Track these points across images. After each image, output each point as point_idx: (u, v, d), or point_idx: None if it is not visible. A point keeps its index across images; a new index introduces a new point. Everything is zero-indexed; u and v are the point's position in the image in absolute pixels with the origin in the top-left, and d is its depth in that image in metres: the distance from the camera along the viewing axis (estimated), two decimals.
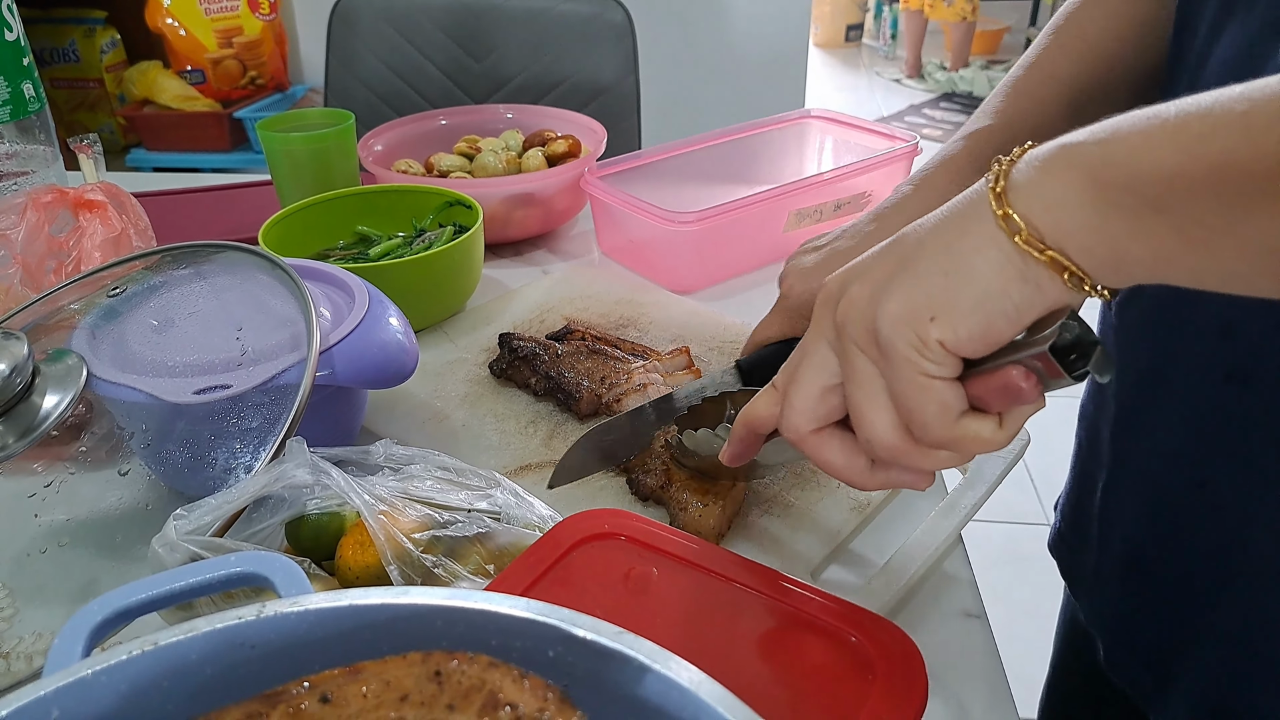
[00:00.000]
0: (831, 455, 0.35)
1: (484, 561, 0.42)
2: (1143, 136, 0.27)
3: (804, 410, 0.35)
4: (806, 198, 0.83)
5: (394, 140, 0.95)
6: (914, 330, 0.31)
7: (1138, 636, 0.52)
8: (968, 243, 0.30)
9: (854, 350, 0.33)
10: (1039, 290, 0.29)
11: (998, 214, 0.29)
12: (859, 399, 0.33)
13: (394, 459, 0.46)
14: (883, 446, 0.33)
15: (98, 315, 0.54)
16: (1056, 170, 0.29)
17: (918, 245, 0.32)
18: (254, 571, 0.32)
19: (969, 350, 0.31)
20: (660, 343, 0.70)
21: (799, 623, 0.36)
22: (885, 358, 0.32)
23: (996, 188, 0.30)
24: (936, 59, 4.47)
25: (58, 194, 0.68)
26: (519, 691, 0.25)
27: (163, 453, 0.48)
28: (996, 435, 0.32)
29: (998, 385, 0.31)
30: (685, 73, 1.97)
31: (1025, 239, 0.29)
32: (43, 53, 2.04)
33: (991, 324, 0.30)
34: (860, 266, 0.34)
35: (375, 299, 0.55)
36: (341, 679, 0.27)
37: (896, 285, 0.31)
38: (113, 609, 0.31)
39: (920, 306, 0.31)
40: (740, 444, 0.40)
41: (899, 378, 0.31)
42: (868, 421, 0.33)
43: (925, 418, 0.31)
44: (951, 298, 0.30)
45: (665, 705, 0.26)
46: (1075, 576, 0.59)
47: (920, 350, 0.31)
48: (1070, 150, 0.29)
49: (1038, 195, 0.29)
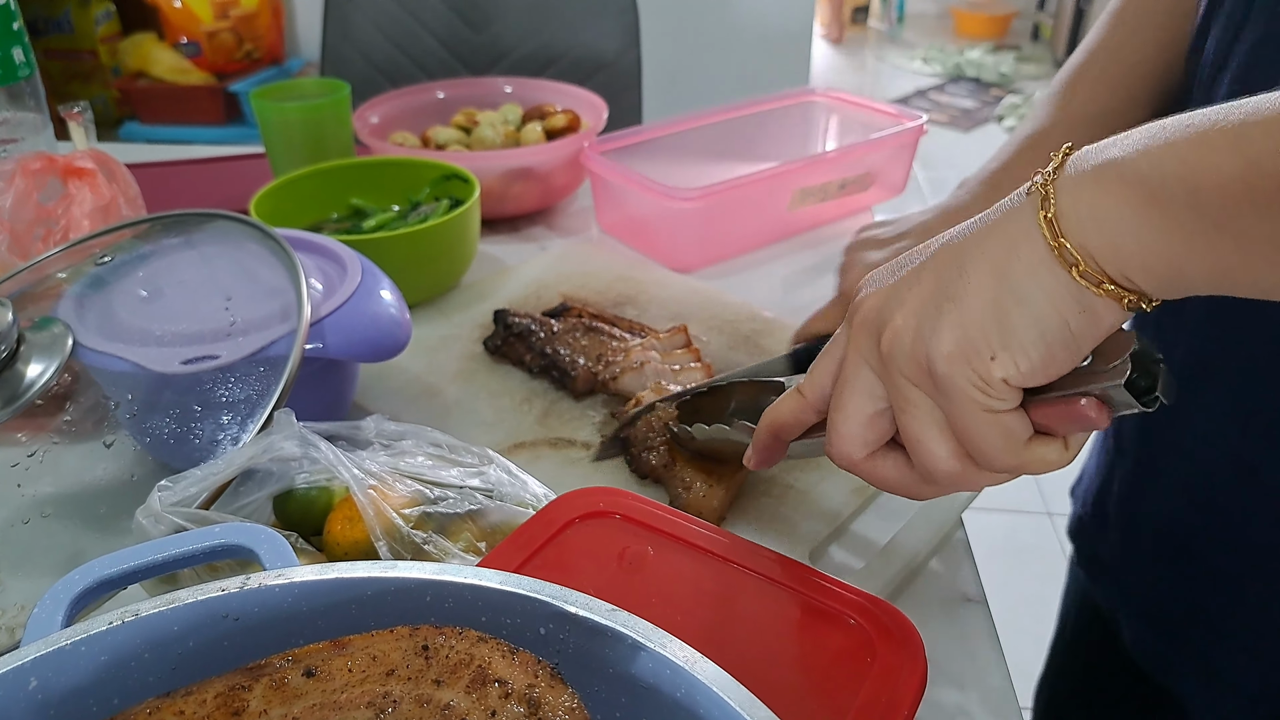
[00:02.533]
0: (886, 475, 0.35)
1: (475, 539, 0.41)
2: (1199, 149, 0.26)
3: (853, 438, 0.34)
4: (810, 176, 0.82)
5: (390, 112, 0.94)
6: (974, 370, 0.29)
7: (1168, 618, 0.52)
8: (1019, 271, 0.29)
9: (905, 383, 0.32)
10: (1096, 318, 0.28)
11: (1052, 245, 0.28)
12: (915, 430, 0.32)
13: (385, 434, 0.45)
14: (943, 475, 0.32)
15: (85, 283, 0.53)
16: (1110, 191, 0.27)
17: (960, 271, 0.30)
18: (238, 543, 0.31)
19: (1032, 383, 0.30)
20: (659, 321, 0.69)
21: (797, 604, 0.36)
22: (944, 394, 0.30)
23: (1047, 213, 0.28)
24: (940, 41, 4.43)
25: (47, 161, 0.67)
26: (509, 667, 0.25)
27: (149, 423, 0.47)
28: (1063, 456, 0.31)
29: (1067, 415, 0.30)
30: (688, 47, 1.95)
31: (1083, 271, 0.28)
32: (36, 22, 2.01)
33: (1054, 356, 0.29)
34: (898, 291, 0.32)
35: (368, 271, 0.54)
36: (327, 652, 0.26)
37: (947, 320, 0.30)
38: (94, 579, 0.31)
39: (978, 344, 0.29)
40: (765, 450, 0.40)
41: (961, 413, 0.30)
42: (926, 451, 0.32)
43: (990, 450, 0.31)
44: (1009, 333, 0.29)
45: (658, 683, 0.25)
46: (1094, 559, 0.59)
47: (984, 389, 0.30)
48: (1122, 167, 0.27)
49: (1093, 222, 0.28)
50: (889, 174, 0.89)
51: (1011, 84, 3.92)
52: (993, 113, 3.63)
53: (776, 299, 0.76)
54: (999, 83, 3.94)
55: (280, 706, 0.25)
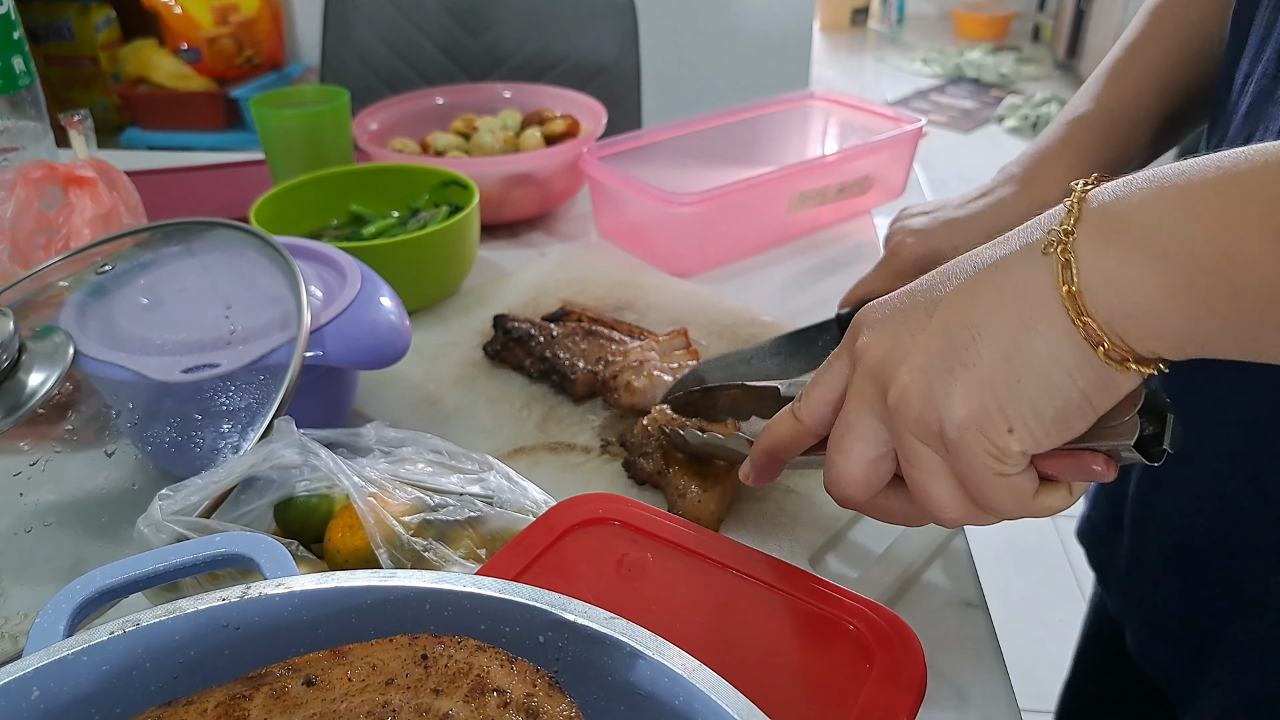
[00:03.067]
0: (889, 510, 0.35)
1: (475, 546, 0.41)
2: (1233, 230, 0.25)
3: (856, 483, 0.34)
4: (810, 180, 0.82)
5: (389, 119, 0.94)
6: (990, 440, 0.29)
7: (1175, 625, 0.52)
8: (1039, 346, 0.28)
9: (913, 439, 0.31)
10: (1115, 388, 0.28)
11: (1076, 321, 0.27)
12: (922, 481, 0.32)
13: (385, 441, 0.46)
14: (950, 522, 0.32)
15: (86, 292, 0.53)
16: (1135, 267, 0.26)
17: (972, 335, 0.29)
18: (239, 552, 0.31)
19: (1045, 449, 0.30)
20: (658, 326, 0.69)
21: (796, 610, 0.36)
22: (955, 456, 0.30)
23: (1070, 286, 0.27)
24: (940, 42, 4.43)
25: (47, 169, 0.67)
26: (507, 676, 0.25)
27: (150, 432, 0.47)
28: (1067, 502, 0.32)
29: (1074, 468, 0.31)
30: (687, 51, 1.95)
31: (1108, 351, 0.27)
32: (37, 29, 2.02)
33: (1070, 426, 0.29)
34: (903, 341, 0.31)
35: (368, 278, 0.54)
36: (326, 662, 0.27)
37: (959, 386, 0.29)
38: (95, 588, 0.31)
39: (993, 415, 0.29)
40: (763, 469, 0.40)
41: (972, 474, 0.30)
42: (934, 502, 0.32)
43: (999, 505, 0.31)
44: (1026, 406, 0.28)
45: (657, 691, 0.25)
46: (1105, 565, 0.59)
47: (998, 458, 0.29)
48: (1148, 243, 0.26)
49: (1119, 301, 0.26)
50: (888, 177, 0.89)
51: (1012, 85, 3.92)
52: (993, 114, 3.63)
53: (776, 303, 0.76)
54: (999, 84, 3.94)
55: (280, 715, 0.25)
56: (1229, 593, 0.48)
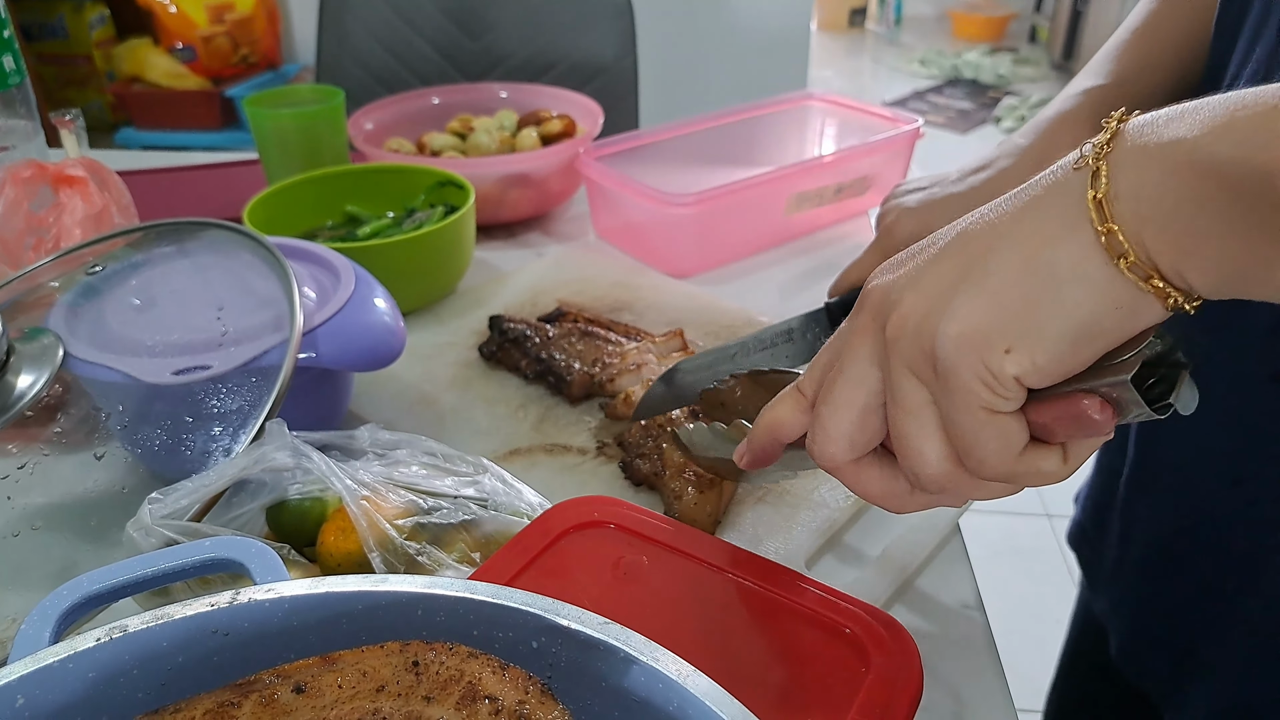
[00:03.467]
0: (871, 482, 0.31)
1: (470, 549, 0.41)
2: (1268, 132, 0.22)
3: (840, 438, 0.30)
4: (807, 180, 0.81)
5: (385, 119, 0.93)
6: (983, 361, 0.26)
7: (1158, 629, 0.51)
8: (1056, 256, 0.25)
9: (904, 371, 0.28)
10: (1133, 316, 0.25)
11: (1099, 229, 0.24)
12: (907, 427, 0.29)
13: (379, 444, 0.45)
14: (930, 479, 0.29)
15: (76, 293, 0.52)
16: (1177, 175, 0.24)
17: (987, 251, 0.27)
18: (228, 557, 0.31)
19: (1041, 382, 0.26)
20: (655, 326, 0.69)
21: (792, 613, 0.35)
22: (943, 385, 0.27)
23: (1097, 193, 0.25)
24: (937, 44, 4.44)
25: (38, 169, 0.66)
26: (499, 683, 0.24)
27: (140, 434, 0.46)
28: (1061, 469, 0.28)
29: (1067, 415, 0.27)
30: (685, 52, 1.95)
31: (1131, 264, 0.24)
32: (30, 27, 2.01)
33: (1076, 355, 0.26)
34: (912, 272, 0.29)
35: (362, 280, 0.54)
36: (317, 668, 0.26)
37: (963, 301, 0.27)
38: (82, 594, 0.30)
39: (993, 333, 0.26)
40: (760, 451, 0.36)
41: (957, 409, 0.27)
42: (915, 452, 0.29)
43: (984, 454, 0.27)
44: (1034, 327, 0.25)
45: (651, 697, 0.25)
46: (1094, 569, 0.59)
47: (989, 384, 0.26)
48: (1194, 149, 0.23)
49: (1155, 210, 0.24)
50: (886, 178, 0.89)
51: (1009, 86, 3.92)
52: (990, 114, 3.64)
53: (774, 304, 0.76)
54: (996, 85, 3.95)
55: None
56: (1209, 597, 0.47)
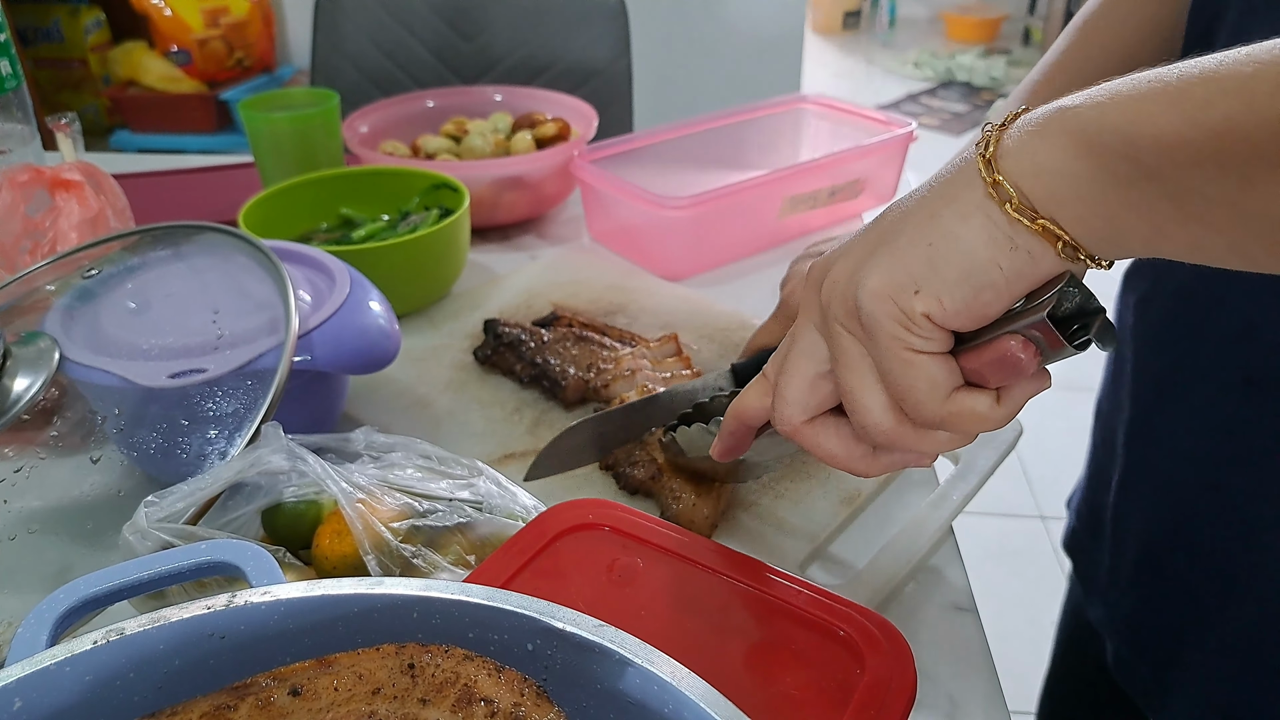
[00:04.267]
0: (829, 445, 0.34)
1: (465, 552, 0.41)
2: (1141, 101, 0.26)
3: (795, 400, 0.33)
4: (801, 183, 0.82)
5: (380, 122, 0.94)
6: (896, 304, 0.29)
7: (1145, 637, 0.51)
8: (953, 210, 0.29)
9: (839, 330, 0.31)
10: (1031, 260, 0.28)
11: (987, 181, 0.28)
12: (849, 382, 0.31)
13: (374, 446, 0.45)
14: (878, 430, 0.31)
15: (72, 297, 0.53)
16: (1050, 135, 0.27)
17: (901, 217, 0.30)
18: (224, 560, 0.31)
19: (957, 323, 0.29)
20: (650, 330, 0.69)
21: (786, 616, 0.36)
22: (869, 335, 0.30)
23: (986, 153, 0.28)
24: (931, 46, 4.45)
25: (34, 173, 0.66)
26: (494, 686, 0.25)
27: (136, 438, 0.46)
28: (994, 412, 0.30)
29: (993, 357, 0.29)
30: (679, 55, 1.95)
31: (1016, 207, 0.27)
32: (26, 31, 2.00)
33: (979, 295, 0.28)
34: (844, 246, 0.33)
35: (356, 282, 0.54)
36: (313, 671, 0.26)
37: (879, 259, 0.30)
38: (79, 597, 0.30)
39: (902, 279, 0.29)
40: (731, 438, 0.38)
41: (885, 355, 0.30)
42: (860, 405, 0.31)
43: (916, 396, 0.30)
44: (935, 268, 0.29)
45: (646, 700, 0.25)
46: (1088, 575, 0.59)
47: (905, 324, 0.29)
48: (1066, 114, 0.27)
49: (1029, 161, 0.27)
50: (879, 181, 0.89)
51: (1002, 88, 3.94)
52: (984, 116, 3.64)
53: (768, 307, 0.76)
54: (990, 86, 3.96)
55: None
56: (1192, 601, 0.48)
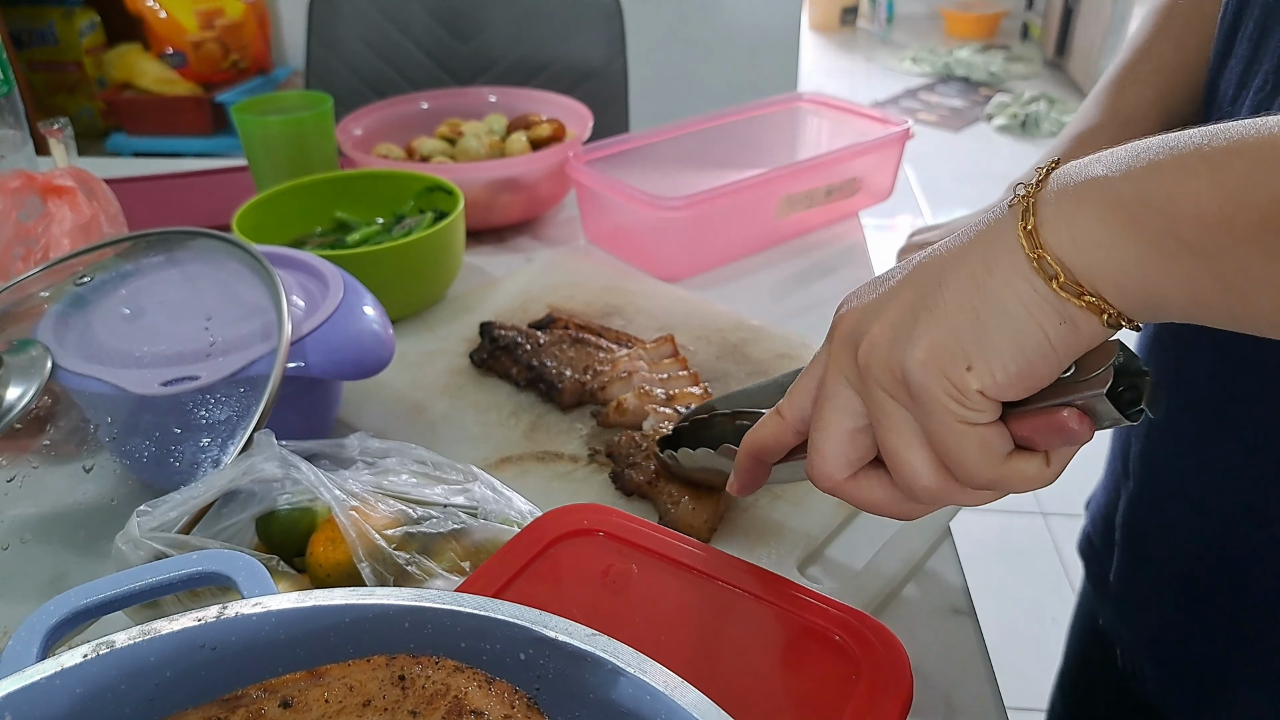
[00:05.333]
0: (873, 497, 0.34)
1: (459, 558, 0.41)
2: (1181, 175, 0.26)
3: (835, 457, 0.33)
4: (798, 182, 0.82)
5: (374, 124, 0.93)
6: (948, 378, 0.29)
7: (1182, 657, 0.51)
8: (998, 281, 0.28)
9: (882, 395, 0.31)
10: (1075, 330, 0.28)
11: (1031, 256, 0.28)
12: (894, 444, 0.31)
13: (369, 452, 0.45)
14: (923, 490, 0.31)
15: (64, 304, 0.52)
16: (1088, 205, 0.27)
17: (938, 281, 0.30)
18: (216, 570, 0.31)
19: (1009, 395, 0.29)
20: (646, 331, 0.69)
21: (782, 621, 0.35)
22: (919, 404, 0.30)
23: (1026, 224, 0.28)
24: (929, 42, 4.44)
25: (26, 179, 0.66)
26: (485, 697, 0.24)
27: (129, 446, 0.46)
28: (1044, 473, 0.31)
29: (1048, 427, 0.30)
30: (675, 55, 1.95)
31: (1062, 283, 0.27)
32: (20, 34, 2.00)
33: (1033, 368, 0.29)
34: (876, 303, 0.32)
35: (350, 287, 0.54)
36: (303, 683, 0.26)
37: (923, 328, 0.30)
38: (70, 609, 0.30)
39: (953, 352, 0.29)
40: (747, 474, 0.39)
41: (936, 424, 0.30)
42: (906, 466, 0.31)
43: (968, 463, 0.30)
44: (986, 341, 0.28)
45: (639, 709, 0.25)
46: (1100, 581, 0.58)
47: (959, 399, 0.29)
48: (1103, 187, 0.27)
49: (1068, 233, 0.27)
50: (876, 179, 0.89)
51: (1001, 83, 3.93)
52: (982, 112, 3.64)
53: (765, 307, 0.76)
54: (988, 82, 3.95)
55: None
56: (1235, 627, 0.47)
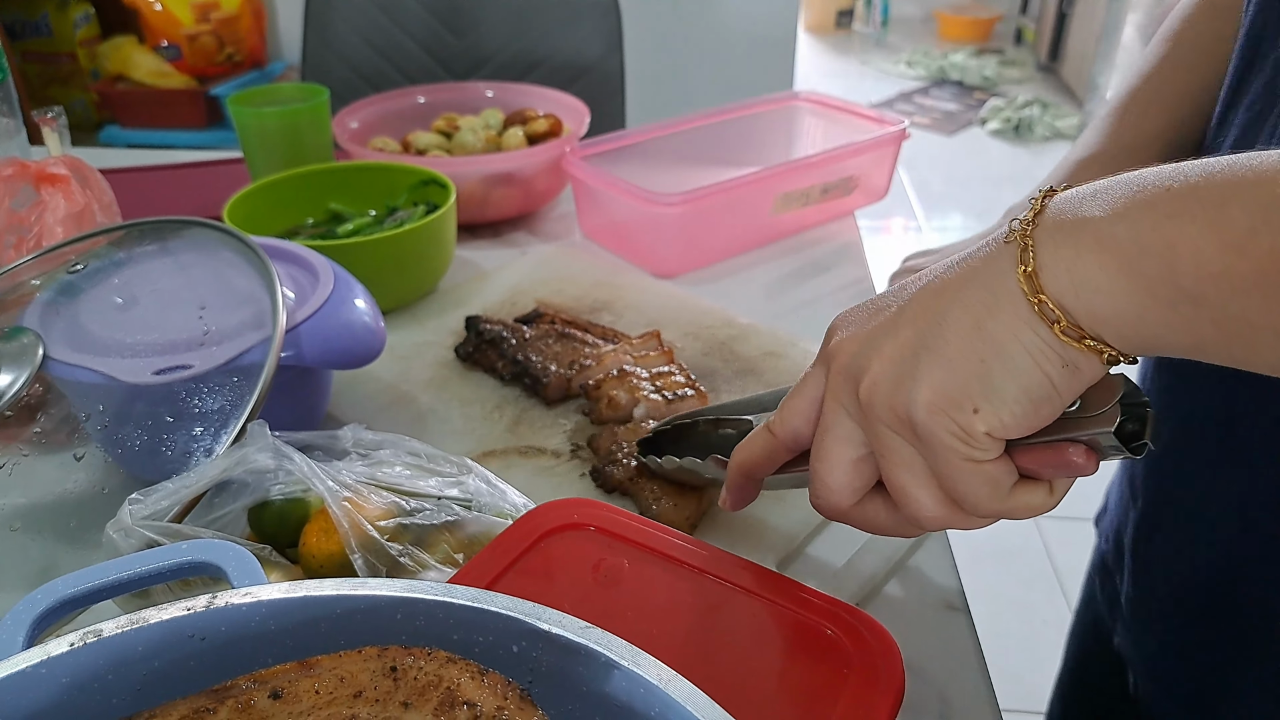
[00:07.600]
0: (876, 519, 0.34)
1: (453, 550, 0.41)
2: (1179, 220, 0.26)
3: (840, 487, 0.33)
4: (793, 180, 0.82)
5: (370, 118, 0.93)
6: (956, 422, 0.29)
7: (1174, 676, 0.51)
8: (1000, 325, 0.28)
9: (886, 432, 0.31)
10: (1077, 372, 0.28)
11: (1032, 301, 0.28)
12: (901, 480, 0.32)
13: (363, 444, 0.45)
14: (929, 520, 0.32)
15: (56, 292, 0.52)
16: (1085, 250, 0.27)
17: (939, 319, 0.30)
18: (205, 560, 0.31)
19: (1015, 434, 0.30)
20: (635, 326, 0.69)
21: (773, 615, 0.35)
22: (925, 444, 0.30)
23: (1026, 266, 0.28)
24: (924, 45, 4.45)
25: (19, 167, 0.66)
26: (477, 689, 0.24)
27: (120, 435, 0.46)
28: (1048, 501, 0.32)
29: (1054, 461, 0.30)
30: (671, 51, 1.95)
31: (1064, 328, 0.28)
32: (14, 25, 1.98)
33: (1037, 410, 0.29)
34: (875, 338, 0.32)
35: (341, 279, 0.54)
36: (294, 674, 0.26)
37: (925, 369, 0.30)
38: (57, 598, 0.30)
39: (959, 396, 0.29)
40: (739, 490, 0.39)
41: (943, 463, 0.30)
42: (913, 500, 0.32)
43: (974, 497, 0.31)
44: (991, 386, 0.29)
45: (632, 702, 0.25)
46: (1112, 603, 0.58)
47: (965, 440, 0.29)
48: (1099, 230, 0.27)
49: (1067, 277, 0.27)
50: (872, 178, 0.89)
51: (995, 87, 3.95)
52: (976, 116, 3.65)
53: (759, 304, 0.76)
54: (982, 86, 3.97)
55: None
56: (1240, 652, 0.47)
